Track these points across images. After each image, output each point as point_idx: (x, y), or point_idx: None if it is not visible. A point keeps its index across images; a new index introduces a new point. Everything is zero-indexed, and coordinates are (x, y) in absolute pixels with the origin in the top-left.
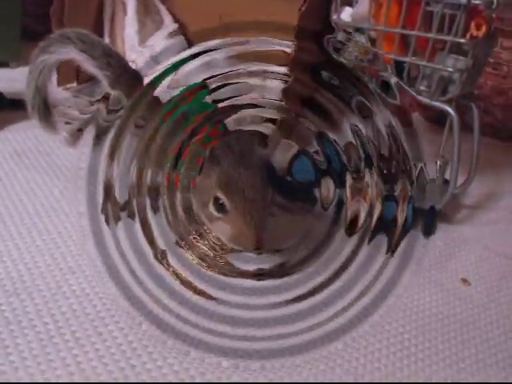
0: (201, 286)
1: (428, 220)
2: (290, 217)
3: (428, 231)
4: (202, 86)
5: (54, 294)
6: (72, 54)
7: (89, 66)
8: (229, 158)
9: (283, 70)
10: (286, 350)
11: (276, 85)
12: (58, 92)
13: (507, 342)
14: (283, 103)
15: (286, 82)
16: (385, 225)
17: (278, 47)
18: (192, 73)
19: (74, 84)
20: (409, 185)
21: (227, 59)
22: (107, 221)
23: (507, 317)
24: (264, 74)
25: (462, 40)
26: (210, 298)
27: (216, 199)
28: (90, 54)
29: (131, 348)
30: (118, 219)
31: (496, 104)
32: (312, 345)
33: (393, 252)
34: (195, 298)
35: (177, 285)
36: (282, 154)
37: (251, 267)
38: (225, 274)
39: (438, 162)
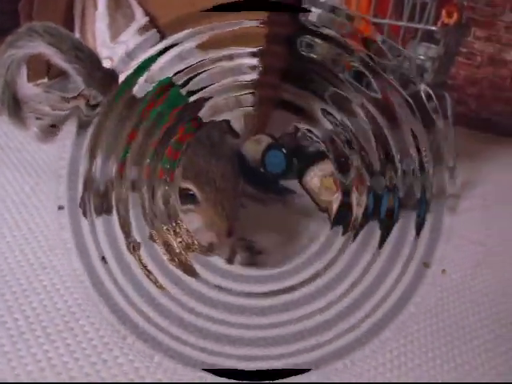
0: (170, 288)
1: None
2: (262, 208)
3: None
4: (170, 84)
5: (24, 290)
6: (40, 47)
7: (58, 60)
8: (199, 148)
9: (253, 49)
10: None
11: (248, 64)
12: (28, 88)
13: (482, 329)
14: (259, 80)
15: (259, 59)
16: (370, 217)
17: (246, 25)
18: (165, 67)
19: (45, 80)
20: (394, 175)
21: (198, 48)
22: (85, 214)
23: (481, 304)
24: (235, 56)
25: (433, 27)
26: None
27: (186, 190)
28: (59, 48)
29: (102, 343)
30: (99, 212)
31: (469, 94)
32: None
33: (381, 245)
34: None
35: (151, 287)
36: (254, 145)
37: (217, 280)
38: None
39: None
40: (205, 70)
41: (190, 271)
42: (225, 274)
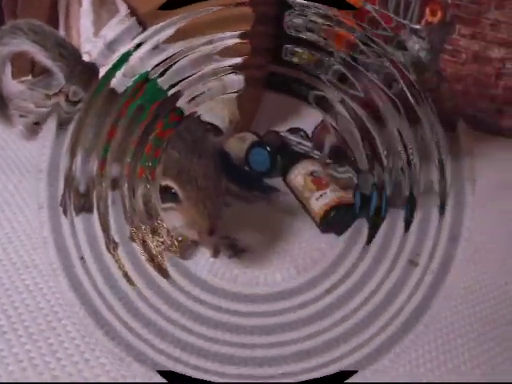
0: (146, 291)
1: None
2: (246, 206)
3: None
4: (147, 79)
5: (6, 290)
6: (24, 45)
7: (41, 58)
8: (181, 146)
9: (236, 33)
10: None
11: (229, 46)
12: (12, 85)
13: (465, 327)
14: (246, 61)
15: (245, 40)
16: (357, 214)
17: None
18: (143, 58)
19: (29, 77)
20: (382, 172)
21: (177, 38)
22: (65, 213)
23: (467, 302)
24: (215, 40)
25: (417, 26)
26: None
27: (167, 188)
28: (43, 45)
29: (85, 342)
30: (79, 211)
31: (455, 91)
32: None
33: (369, 242)
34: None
35: (129, 290)
36: (239, 143)
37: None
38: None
39: None
40: (183, 57)
41: (165, 274)
42: (205, 287)
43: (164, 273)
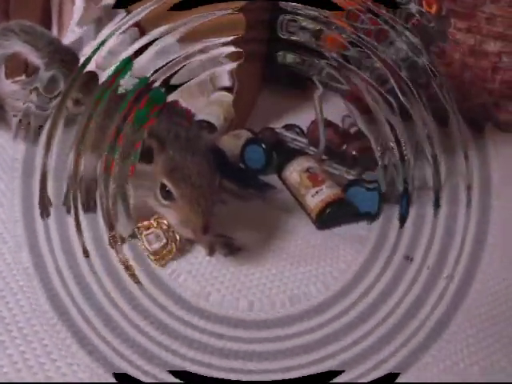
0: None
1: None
2: (242, 204)
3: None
4: (127, 62)
5: (0, 291)
6: (16, 46)
7: (33, 58)
8: (175, 144)
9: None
10: None
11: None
12: (6, 85)
13: (464, 324)
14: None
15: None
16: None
17: None
18: (126, 42)
19: (23, 77)
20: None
21: (161, 19)
22: (42, 215)
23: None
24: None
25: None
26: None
27: (163, 186)
28: (35, 45)
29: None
30: (48, 214)
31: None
32: None
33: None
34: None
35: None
36: (234, 140)
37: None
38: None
39: None
40: (167, 38)
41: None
42: (190, 308)
43: (137, 282)
